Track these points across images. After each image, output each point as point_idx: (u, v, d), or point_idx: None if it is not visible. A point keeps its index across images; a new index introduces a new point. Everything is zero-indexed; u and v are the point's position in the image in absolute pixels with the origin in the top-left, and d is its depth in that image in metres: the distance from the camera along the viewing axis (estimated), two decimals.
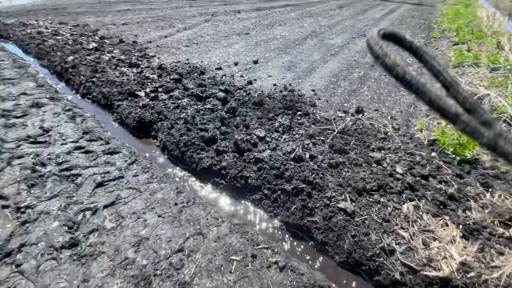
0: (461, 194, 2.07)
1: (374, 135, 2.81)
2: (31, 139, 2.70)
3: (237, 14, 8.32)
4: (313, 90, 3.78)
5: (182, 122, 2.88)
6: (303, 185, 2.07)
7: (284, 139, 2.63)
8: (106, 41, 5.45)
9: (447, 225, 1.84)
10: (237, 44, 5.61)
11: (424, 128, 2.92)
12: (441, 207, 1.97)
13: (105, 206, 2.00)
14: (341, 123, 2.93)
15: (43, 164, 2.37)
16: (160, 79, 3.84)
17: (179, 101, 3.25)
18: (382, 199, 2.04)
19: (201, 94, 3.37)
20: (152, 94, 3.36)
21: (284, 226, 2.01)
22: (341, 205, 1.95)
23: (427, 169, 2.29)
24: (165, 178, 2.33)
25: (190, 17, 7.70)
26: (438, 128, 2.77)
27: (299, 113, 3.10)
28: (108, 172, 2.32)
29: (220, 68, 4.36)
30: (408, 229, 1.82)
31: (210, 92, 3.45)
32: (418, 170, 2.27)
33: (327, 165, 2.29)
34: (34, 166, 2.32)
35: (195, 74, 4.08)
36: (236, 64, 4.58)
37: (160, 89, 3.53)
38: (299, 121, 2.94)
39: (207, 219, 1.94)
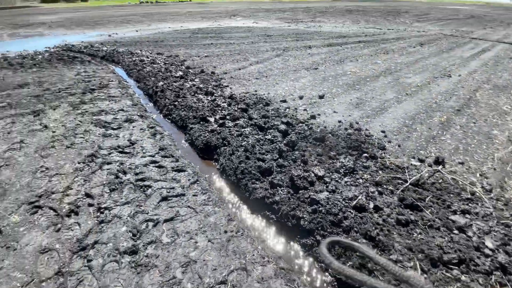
0: None
1: (457, 193, 2.36)
2: (119, 149, 3.21)
3: (307, 50, 8.62)
4: (383, 132, 3.49)
5: (242, 149, 3.00)
6: (364, 240, 1.84)
7: (346, 182, 2.45)
8: (190, 70, 6.30)
9: None
10: (305, 78, 5.74)
11: None
12: None
13: (165, 220, 2.17)
14: (415, 173, 2.58)
15: (124, 172, 2.76)
16: (229, 107, 4.17)
17: (243, 130, 3.43)
18: (463, 277, 1.65)
19: (263, 125, 3.50)
20: (220, 121, 3.65)
21: (336, 284, 1.79)
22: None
23: None
24: (219, 202, 2.41)
25: (263, 52, 8.34)
26: None
27: (365, 155, 2.88)
28: (173, 188, 2.54)
29: (284, 101, 4.49)
30: None
31: (272, 124, 3.55)
32: None
33: (394, 221, 2.00)
34: (117, 173, 2.73)
35: (261, 105, 4.29)
36: (301, 97, 4.65)
37: (228, 117, 3.81)
38: (365, 164, 2.71)
39: (253, 255, 1.89)
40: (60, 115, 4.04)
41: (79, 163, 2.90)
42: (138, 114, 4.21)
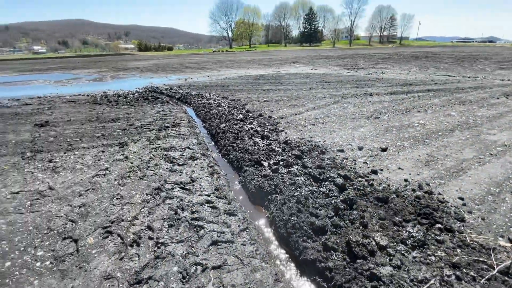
0: None
1: None
2: (181, 185, 3.50)
3: (368, 97, 8.43)
4: (461, 199, 3.00)
5: (294, 200, 2.93)
6: None
7: (414, 258, 2.11)
8: (249, 114, 6.76)
9: None
10: (365, 128, 5.52)
11: None
12: None
13: (213, 268, 2.17)
14: (504, 258, 2.07)
15: (183, 209, 2.95)
16: (283, 153, 4.23)
17: (296, 178, 3.39)
18: None
19: (318, 176, 3.40)
20: (274, 166, 3.71)
21: None
22: None
23: None
24: (267, 257, 2.32)
25: (320, 98, 8.48)
26: None
27: (438, 225, 2.48)
28: (223, 233, 2.59)
29: (342, 151, 4.35)
30: None
31: (328, 175, 3.42)
32: None
33: None
34: (177, 209, 2.94)
35: (316, 152, 4.23)
36: (360, 148, 4.44)
37: (281, 163, 3.85)
38: (438, 238, 2.32)
39: None
40: (138, 148, 4.71)
41: (147, 194, 3.25)
42: (201, 152, 4.60)
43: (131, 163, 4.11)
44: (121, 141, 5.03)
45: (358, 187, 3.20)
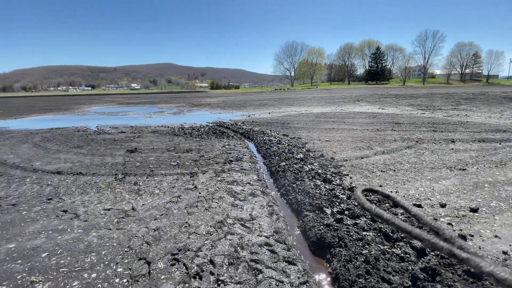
0: None
1: None
2: (242, 221, 3.58)
3: (449, 144, 7.40)
4: None
5: (362, 259, 2.65)
6: None
7: None
8: (310, 153, 6.70)
9: None
10: (447, 180, 4.79)
11: None
12: None
13: None
14: None
15: (242, 248, 2.99)
16: (348, 201, 3.97)
17: (364, 233, 3.09)
18: None
19: (390, 234, 3.03)
20: (338, 216, 3.48)
21: None
22: None
23: None
24: None
25: (390, 141, 7.86)
26: None
27: None
28: (282, 282, 2.48)
29: (419, 206, 3.82)
30: None
31: (402, 235, 3.01)
32: None
33: None
34: (236, 247, 2.99)
35: (387, 204, 3.83)
36: (442, 205, 3.83)
37: (346, 212, 3.60)
38: None
39: None
40: (206, 179, 5.11)
41: (210, 226, 3.43)
42: (261, 189, 4.69)
43: (199, 193, 4.46)
44: (192, 171, 5.57)
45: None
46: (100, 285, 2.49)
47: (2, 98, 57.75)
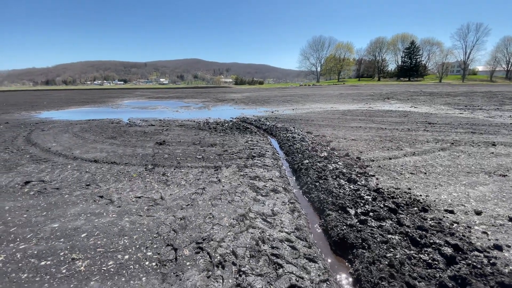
0: None
1: None
2: (263, 216, 3.64)
3: (489, 147, 6.83)
4: None
5: (386, 262, 2.58)
6: None
7: None
8: (335, 152, 6.56)
9: None
10: (485, 186, 4.45)
11: None
12: None
13: None
14: None
15: (263, 242, 3.05)
16: (373, 202, 3.85)
17: (389, 236, 3.00)
18: None
19: (418, 239, 2.91)
20: (362, 217, 3.41)
21: None
22: None
23: None
24: None
25: (422, 142, 7.43)
26: None
27: None
28: (302, 278, 2.51)
29: (451, 212, 3.61)
30: None
31: (431, 240, 2.88)
32: None
33: None
34: (258, 241, 3.06)
35: (415, 208, 3.66)
36: (478, 213, 3.58)
37: (371, 214, 3.51)
38: None
39: None
40: (229, 173, 5.24)
41: (233, 219, 3.53)
42: (283, 186, 4.71)
43: (223, 186, 4.59)
44: (216, 165, 5.73)
45: (474, 263, 2.55)
46: (132, 266, 2.70)
47: (46, 91, 63.29)
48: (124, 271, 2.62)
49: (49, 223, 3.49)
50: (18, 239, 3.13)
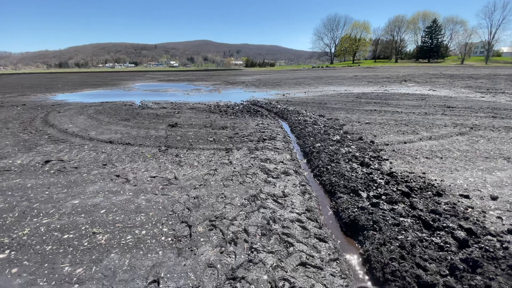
0: None
1: None
2: (274, 197, 3.70)
3: (510, 132, 6.52)
4: None
5: (397, 244, 2.60)
6: None
7: None
8: (348, 136, 6.46)
9: None
10: (503, 172, 4.31)
11: None
12: None
13: None
14: None
15: (274, 221, 3.12)
16: (386, 186, 3.82)
17: (401, 219, 2.99)
18: None
19: (431, 222, 2.89)
20: (374, 200, 3.40)
21: None
22: None
23: None
24: None
25: (439, 126, 7.17)
26: None
27: None
28: (312, 256, 2.57)
29: (467, 197, 3.53)
30: None
31: (444, 224, 2.86)
32: None
33: None
34: (269, 220, 3.13)
35: (429, 193, 3.61)
36: (494, 198, 3.49)
37: (383, 197, 3.49)
38: None
39: None
40: (240, 155, 5.29)
41: (245, 199, 3.60)
42: (294, 169, 4.73)
43: (234, 168, 4.65)
44: (227, 147, 5.78)
45: (487, 247, 2.53)
46: (149, 240, 2.83)
47: (60, 74, 64.48)
48: (142, 245, 2.76)
49: (70, 200, 3.68)
50: (41, 214, 3.34)
